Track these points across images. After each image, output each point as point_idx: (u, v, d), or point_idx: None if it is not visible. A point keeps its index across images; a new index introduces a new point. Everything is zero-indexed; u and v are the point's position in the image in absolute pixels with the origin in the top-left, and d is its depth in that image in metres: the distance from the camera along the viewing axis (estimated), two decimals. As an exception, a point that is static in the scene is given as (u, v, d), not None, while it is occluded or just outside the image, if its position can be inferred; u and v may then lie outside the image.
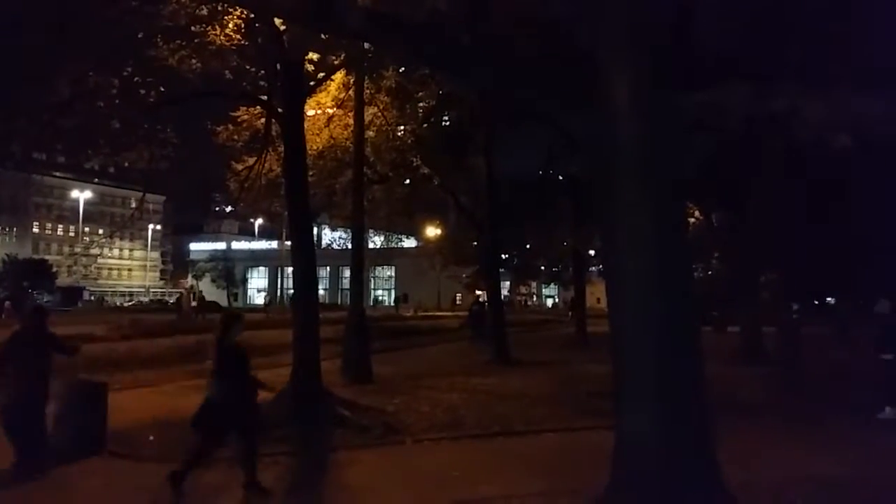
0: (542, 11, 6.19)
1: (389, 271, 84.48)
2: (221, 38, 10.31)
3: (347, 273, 27.40)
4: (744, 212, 19.00)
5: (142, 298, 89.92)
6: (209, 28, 10.16)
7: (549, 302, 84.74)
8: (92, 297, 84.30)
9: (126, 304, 78.09)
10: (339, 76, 14.21)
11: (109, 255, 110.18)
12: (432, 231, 34.04)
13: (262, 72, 11.80)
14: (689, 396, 5.28)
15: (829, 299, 29.81)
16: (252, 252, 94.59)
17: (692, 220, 21.83)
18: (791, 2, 5.85)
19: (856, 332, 22.82)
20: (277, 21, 9.91)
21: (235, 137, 14.72)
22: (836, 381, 12.98)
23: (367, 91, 15.54)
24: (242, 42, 10.61)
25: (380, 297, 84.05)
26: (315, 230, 16.90)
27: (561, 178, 24.44)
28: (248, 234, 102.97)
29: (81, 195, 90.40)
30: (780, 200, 15.61)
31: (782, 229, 16.26)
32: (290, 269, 15.50)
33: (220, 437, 6.94)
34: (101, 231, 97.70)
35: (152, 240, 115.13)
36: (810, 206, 15.46)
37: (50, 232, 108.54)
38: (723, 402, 9.52)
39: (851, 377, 13.34)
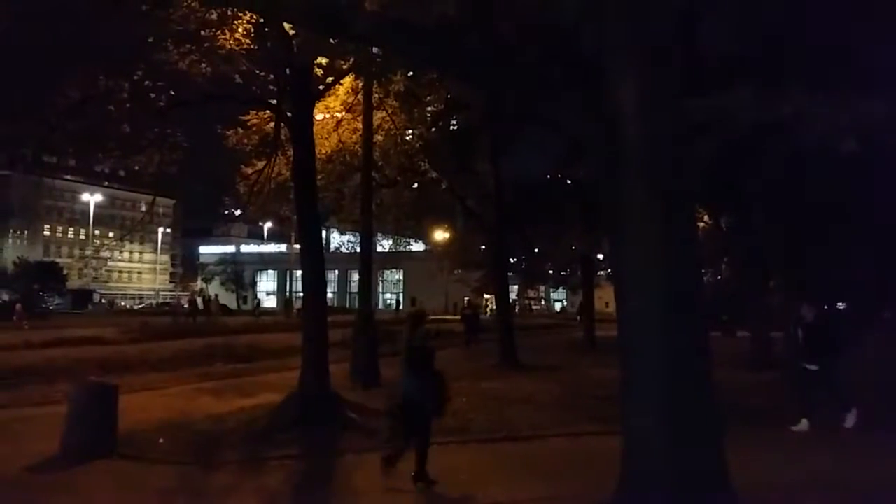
0: (547, 16, 6.20)
1: (398, 275, 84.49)
2: (231, 42, 10.37)
3: (356, 276, 27.45)
4: (750, 216, 18.94)
5: (151, 301, 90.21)
6: (219, 32, 10.22)
7: (558, 306, 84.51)
8: (103, 301, 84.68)
9: (136, 307, 78.40)
10: (347, 80, 14.24)
11: (119, 258, 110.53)
12: (440, 235, 34.01)
13: (272, 76, 11.86)
14: (697, 401, 5.27)
15: (839, 305, 29.57)
16: (261, 255, 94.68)
17: (701, 224, 21.75)
18: (796, 5, 5.84)
19: (870, 338, 22.66)
20: (287, 25, 9.97)
21: (245, 141, 14.80)
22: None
23: (376, 95, 15.58)
24: (252, 46, 10.66)
25: (388, 301, 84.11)
26: (323, 233, 16.97)
27: (569, 181, 24.40)
28: (257, 237, 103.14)
29: (92, 198, 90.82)
30: (785, 205, 15.55)
31: (789, 234, 16.19)
32: (298, 273, 15.57)
33: (413, 426, 7.28)
34: (111, 234, 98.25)
35: (162, 243, 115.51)
36: (816, 210, 15.37)
37: (60, 235, 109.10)
38: (731, 407, 9.50)
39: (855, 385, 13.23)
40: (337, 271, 76.50)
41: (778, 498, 6.61)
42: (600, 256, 28.89)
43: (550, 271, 38.39)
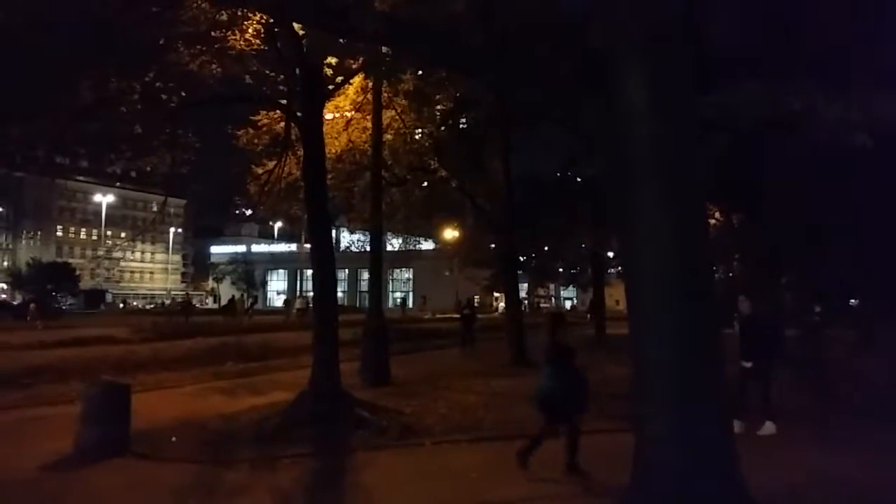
0: (556, 12, 6.20)
1: (407, 274, 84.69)
2: (241, 42, 10.42)
3: (366, 276, 27.47)
4: (762, 213, 18.83)
5: (162, 301, 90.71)
6: (229, 33, 10.27)
7: (568, 304, 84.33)
8: (117, 301, 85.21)
9: (148, 307, 78.88)
10: (357, 80, 14.28)
11: (131, 258, 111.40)
12: (450, 233, 34.00)
13: (282, 76, 11.90)
14: (709, 399, 5.25)
15: (851, 301, 29.35)
16: (272, 255, 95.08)
17: (712, 221, 21.64)
18: (805, 1, 5.81)
19: (882, 335, 22.46)
20: (296, 26, 10.00)
21: (255, 141, 14.86)
22: (853, 384, 12.79)
23: (385, 94, 15.60)
24: (262, 47, 10.71)
25: (397, 300, 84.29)
26: (334, 233, 17.00)
27: (579, 179, 24.34)
28: (267, 236, 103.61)
29: (104, 199, 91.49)
30: (797, 201, 15.46)
31: (801, 230, 16.08)
32: (309, 272, 15.60)
33: (556, 419, 7.56)
34: (123, 234, 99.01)
35: (174, 243, 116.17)
36: (828, 206, 15.26)
37: (73, 235, 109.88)
38: (743, 404, 9.48)
39: (867, 382, 13.13)
40: (347, 270, 76.80)
41: (790, 497, 6.58)
42: (610, 254, 28.81)
43: (560, 269, 38.35)
